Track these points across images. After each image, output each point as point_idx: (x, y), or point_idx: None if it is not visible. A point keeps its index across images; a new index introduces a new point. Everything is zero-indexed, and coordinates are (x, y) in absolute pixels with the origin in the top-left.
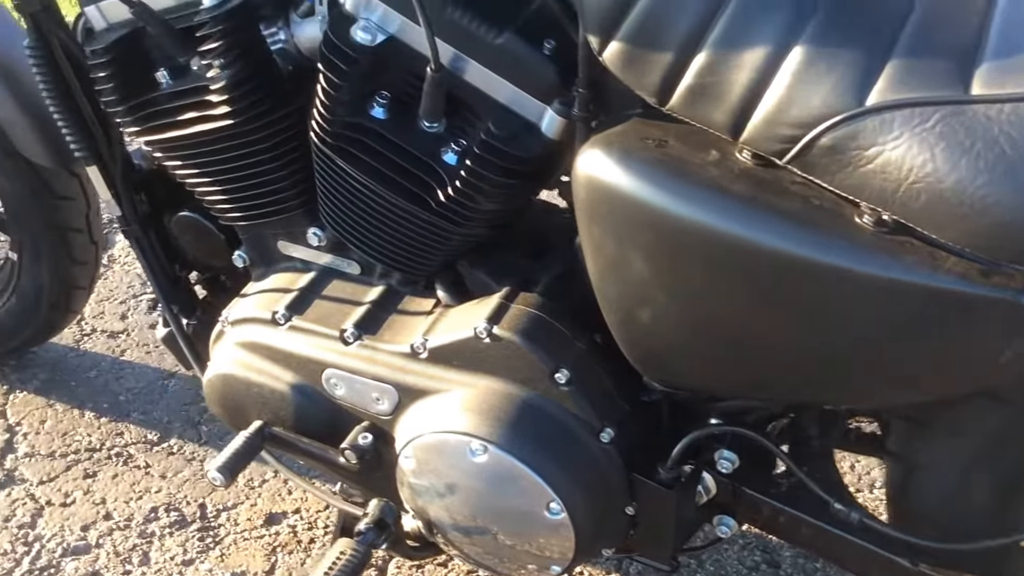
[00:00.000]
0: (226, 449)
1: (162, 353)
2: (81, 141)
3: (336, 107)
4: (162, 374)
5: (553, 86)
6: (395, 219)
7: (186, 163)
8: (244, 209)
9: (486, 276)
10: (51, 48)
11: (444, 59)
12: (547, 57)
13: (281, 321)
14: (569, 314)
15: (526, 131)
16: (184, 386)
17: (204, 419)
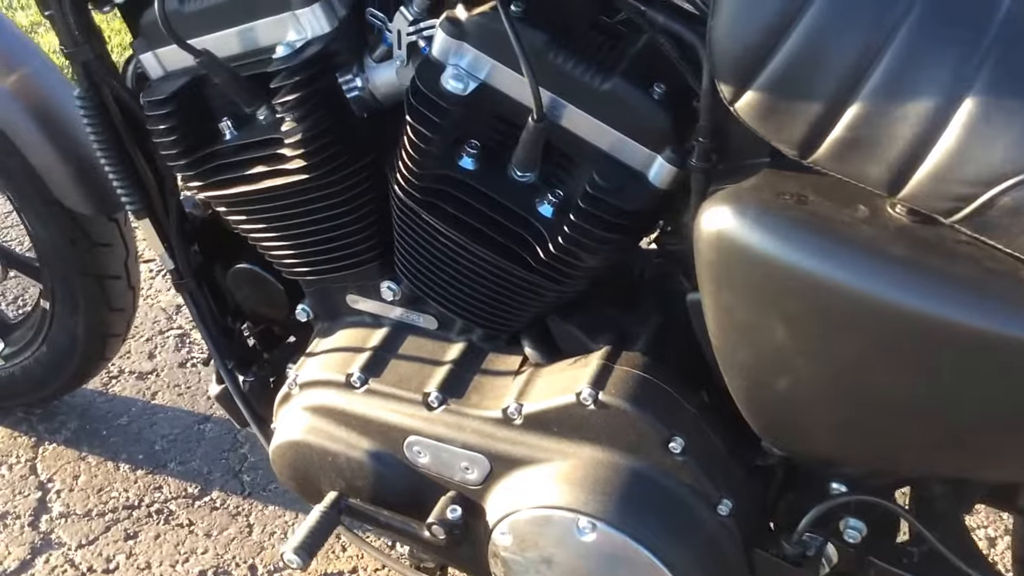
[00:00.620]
0: (301, 527)
1: (194, 394)
2: (133, 194)
3: (424, 159)
4: (197, 418)
5: (664, 133)
6: (485, 275)
7: (252, 217)
8: (314, 263)
9: (578, 331)
10: (102, 98)
11: (544, 106)
12: (657, 103)
13: (357, 384)
14: (676, 374)
15: (632, 181)
16: (221, 431)
17: (245, 468)
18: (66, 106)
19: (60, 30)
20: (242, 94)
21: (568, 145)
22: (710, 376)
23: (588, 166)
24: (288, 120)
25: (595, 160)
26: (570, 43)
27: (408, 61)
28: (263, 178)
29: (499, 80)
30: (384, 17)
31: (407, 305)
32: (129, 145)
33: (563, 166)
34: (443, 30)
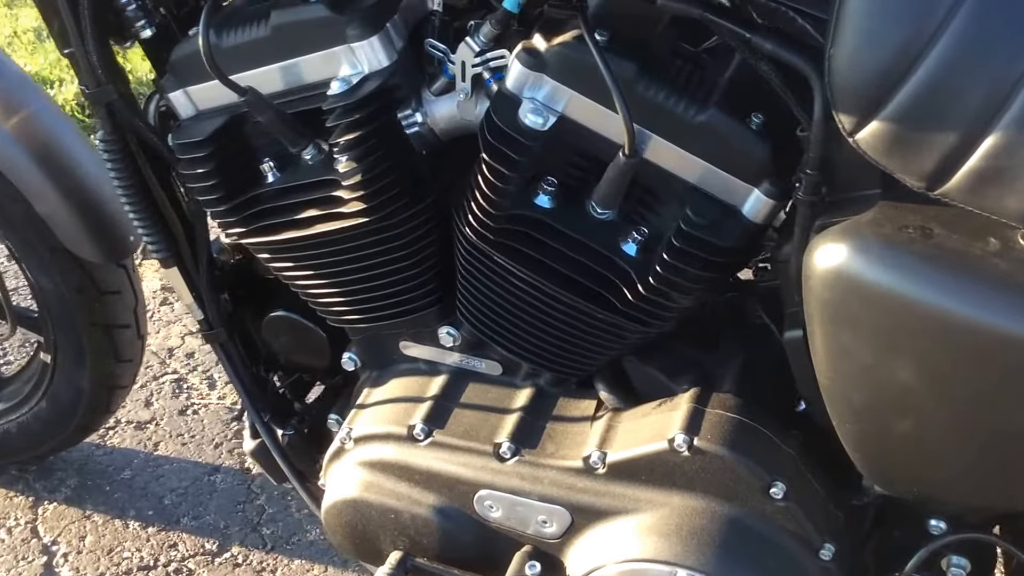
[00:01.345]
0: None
1: (200, 443)
2: (161, 241)
3: (501, 199)
4: (205, 468)
5: (762, 166)
6: (564, 318)
7: (299, 264)
8: (367, 311)
9: (658, 373)
10: (126, 140)
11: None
12: (755, 134)
13: (420, 437)
14: (768, 414)
15: (726, 216)
16: (233, 481)
17: (264, 520)
18: (70, 148)
19: (81, 69)
20: (288, 133)
21: (654, 180)
22: (803, 416)
23: (676, 202)
24: (345, 160)
25: (685, 195)
26: (658, 73)
27: (472, 94)
28: (315, 223)
29: (580, 113)
30: (445, 48)
31: (467, 351)
32: (155, 190)
33: (647, 202)
34: (520, 61)
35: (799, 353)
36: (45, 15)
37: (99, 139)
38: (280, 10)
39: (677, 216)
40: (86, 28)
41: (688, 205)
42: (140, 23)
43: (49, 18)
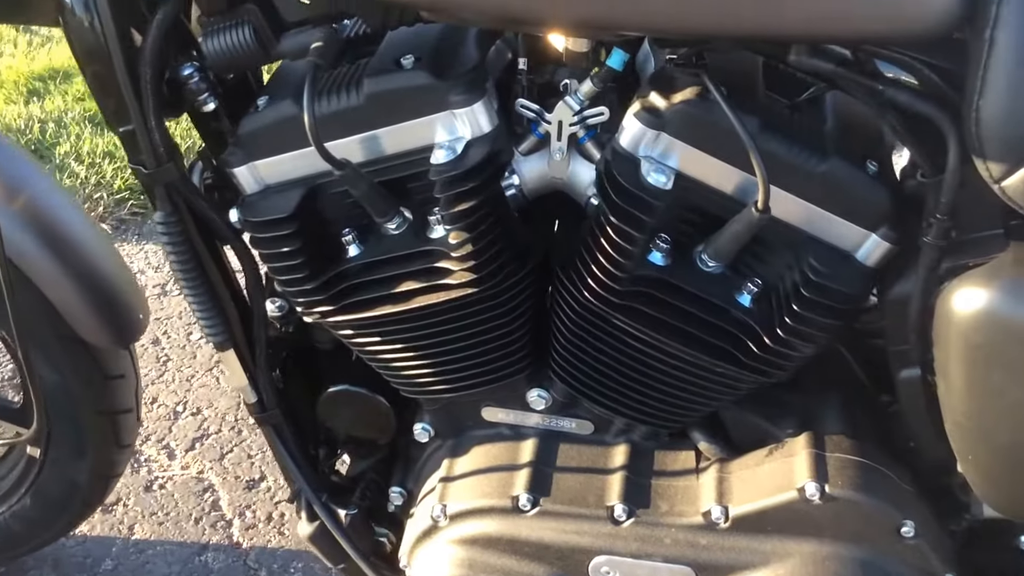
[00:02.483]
0: None
1: (177, 521)
2: (218, 324)
3: (627, 260)
4: (193, 548)
5: (880, 211)
6: (679, 374)
7: (389, 338)
8: (459, 380)
9: (759, 419)
10: (185, 222)
11: (747, 193)
12: (874, 180)
13: (527, 507)
14: (881, 453)
15: (846, 263)
16: (227, 559)
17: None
18: (76, 229)
19: (141, 148)
20: (379, 204)
21: (769, 230)
22: (906, 450)
23: (790, 251)
24: (454, 230)
25: (802, 245)
26: (777, 126)
27: (566, 153)
28: (414, 296)
29: (699, 170)
30: (539, 108)
31: (557, 412)
32: (211, 270)
33: (757, 253)
34: (640, 120)
35: (915, 392)
36: (98, 93)
37: (159, 221)
38: (375, 78)
39: (792, 265)
40: (148, 104)
41: (808, 255)
42: (203, 96)
43: (103, 96)
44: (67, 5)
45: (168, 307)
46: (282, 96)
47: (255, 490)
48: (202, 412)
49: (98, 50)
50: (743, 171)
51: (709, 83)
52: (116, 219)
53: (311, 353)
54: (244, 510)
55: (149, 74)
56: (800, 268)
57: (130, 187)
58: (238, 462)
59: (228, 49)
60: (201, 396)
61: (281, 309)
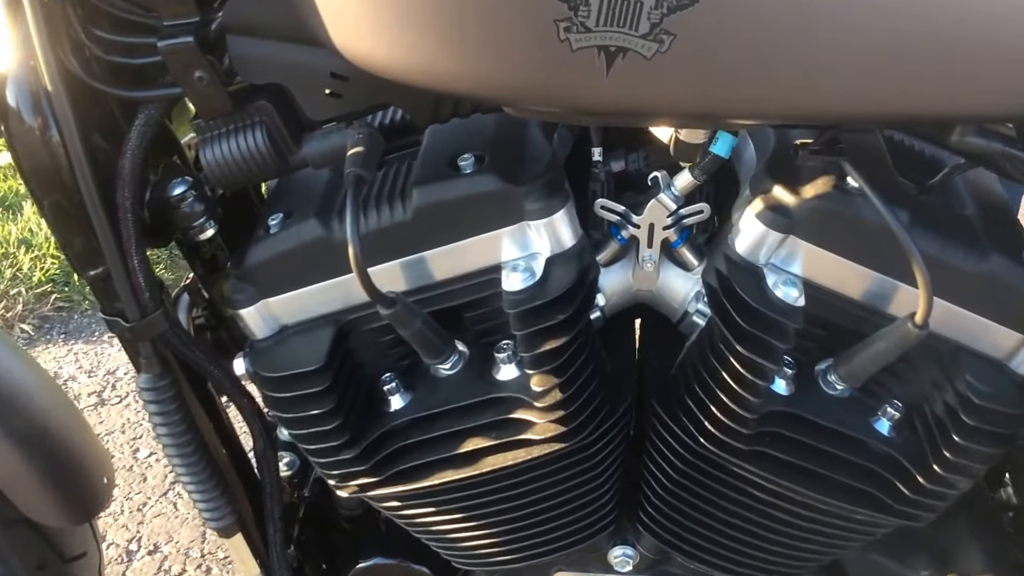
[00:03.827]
0: None
1: None
2: (223, 507)
3: (758, 398)
4: None
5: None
6: (807, 524)
7: (445, 508)
8: (531, 547)
9: (888, 560)
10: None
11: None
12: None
13: None
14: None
15: (1001, 376)
16: None
17: None
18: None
19: (120, 295)
20: (432, 344)
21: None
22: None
23: (936, 366)
24: (539, 376)
25: (952, 357)
26: (923, 218)
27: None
28: (482, 457)
29: (832, 277)
30: (624, 210)
31: (644, 570)
32: (211, 440)
33: (895, 369)
34: (764, 221)
35: None
36: (59, 228)
37: (146, 387)
38: (428, 186)
39: (939, 384)
40: (131, 241)
41: (963, 370)
42: (199, 221)
43: (66, 232)
44: (11, 109)
45: (108, 419)
46: (302, 214)
47: None
48: (160, 549)
49: (58, 171)
50: (886, 276)
51: (853, 172)
52: (38, 317)
53: (330, 520)
54: None
55: (130, 201)
56: (954, 388)
57: (52, 278)
58: None
59: (236, 160)
60: (157, 529)
61: (292, 466)
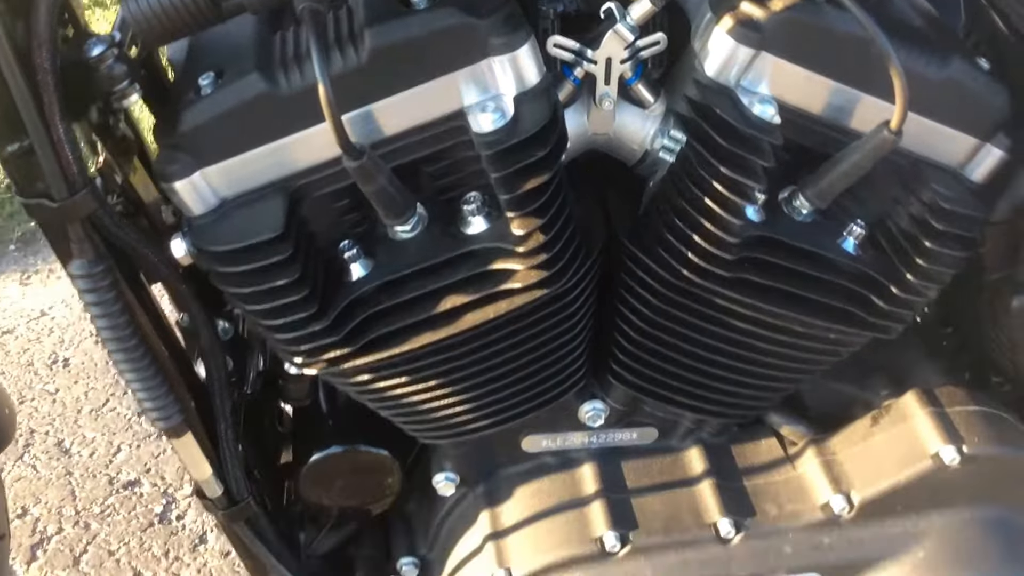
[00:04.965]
0: None
1: None
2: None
3: (741, 221)
4: None
5: (999, 117)
6: (783, 350)
7: (418, 376)
8: (504, 409)
9: (845, 385)
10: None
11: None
12: (990, 80)
13: (615, 548)
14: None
15: (959, 183)
16: None
17: None
18: None
19: (44, 171)
20: (395, 203)
21: None
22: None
23: (895, 179)
24: (520, 219)
25: (912, 169)
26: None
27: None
28: (461, 315)
29: (803, 94)
30: (579, 46)
31: (615, 424)
32: (149, 332)
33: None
34: (735, 37)
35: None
36: None
37: (80, 273)
38: (379, 26)
39: (900, 197)
40: (52, 106)
41: (926, 180)
42: (122, 84)
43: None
44: None
45: None
46: (238, 70)
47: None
48: (30, 511)
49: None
50: (855, 89)
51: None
52: None
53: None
54: None
55: (49, 62)
56: (919, 199)
57: None
58: (99, 563)
59: (164, 9)
60: (21, 492)
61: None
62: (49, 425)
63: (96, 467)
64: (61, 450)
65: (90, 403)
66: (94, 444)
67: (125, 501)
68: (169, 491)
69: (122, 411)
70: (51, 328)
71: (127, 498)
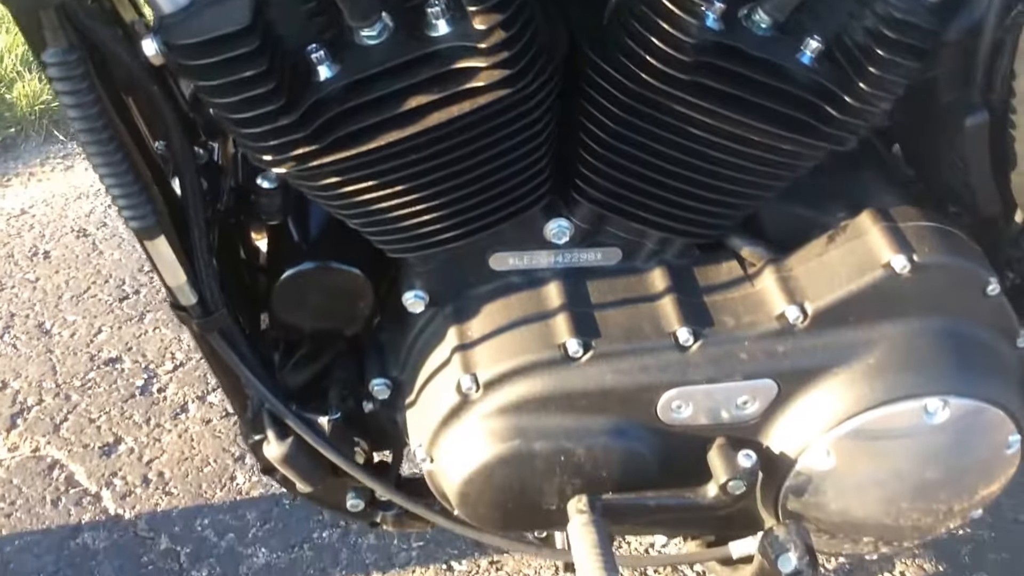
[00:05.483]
0: (582, 554)
1: (30, 508)
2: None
3: (693, 22)
4: (62, 532)
5: None
6: (741, 161)
7: (384, 179)
8: (471, 219)
9: (804, 209)
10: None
11: None
12: None
13: (578, 353)
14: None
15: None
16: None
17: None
18: None
19: None
20: (361, 2)
21: None
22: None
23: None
24: (482, 14)
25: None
26: None
27: None
28: (426, 114)
29: None
30: None
31: (580, 243)
32: (120, 129)
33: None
34: None
35: (981, 138)
36: None
37: (53, 61)
38: None
39: (853, 11)
40: None
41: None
42: None
43: None
44: None
45: None
46: None
47: (114, 455)
48: (10, 385)
49: None
50: None
51: None
52: None
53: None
54: (111, 479)
55: None
56: (874, 11)
57: None
58: (79, 429)
59: None
60: (2, 368)
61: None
62: (30, 309)
63: (77, 346)
64: (42, 331)
65: (71, 290)
66: (75, 326)
67: (106, 376)
68: (151, 367)
69: (103, 297)
70: (31, 224)
71: (108, 373)
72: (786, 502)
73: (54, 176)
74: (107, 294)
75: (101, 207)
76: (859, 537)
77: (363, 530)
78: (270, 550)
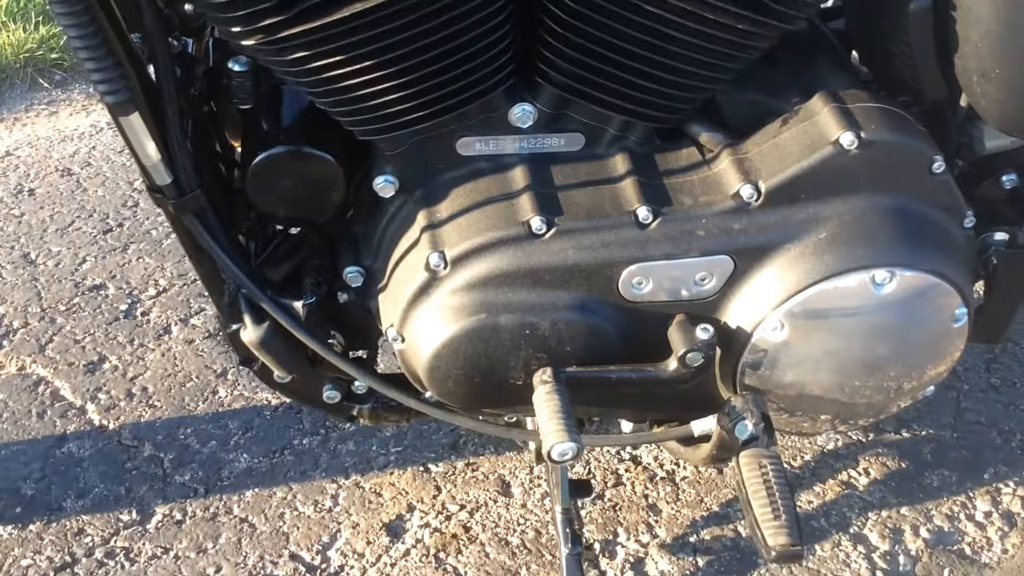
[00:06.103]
0: (545, 420)
1: (16, 421)
2: (118, 79)
3: None
4: (48, 442)
5: None
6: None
7: (351, 54)
8: (437, 99)
9: (760, 95)
10: None
11: None
12: None
13: (541, 230)
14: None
15: None
16: (94, 444)
17: (170, 465)
18: None
19: None
20: None
21: None
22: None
23: None
24: None
25: None
26: None
27: None
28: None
29: None
30: None
31: (543, 129)
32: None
33: None
34: None
35: (926, 22)
36: None
37: None
38: None
39: None
40: None
41: None
42: None
43: None
44: None
45: None
46: None
47: (98, 372)
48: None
49: None
50: None
51: None
52: None
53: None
54: (95, 394)
55: None
56: None
57: None
58: (64, 349)
59: None
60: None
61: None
62: (15, 242)
63: (62, 274)
64: (27, 261)
65: (55, 224)
66: (59, 256)
67: (90, 301)
68: (134, 293)
69: (87, 230)
70: (16, 165)
71: (92, 298)
72: (743, 378)
73: (39, 121)
74: (91, 227)
75: (85, 148)
76: (816, 415)
77: (343, 436)
78: (251, 456)
